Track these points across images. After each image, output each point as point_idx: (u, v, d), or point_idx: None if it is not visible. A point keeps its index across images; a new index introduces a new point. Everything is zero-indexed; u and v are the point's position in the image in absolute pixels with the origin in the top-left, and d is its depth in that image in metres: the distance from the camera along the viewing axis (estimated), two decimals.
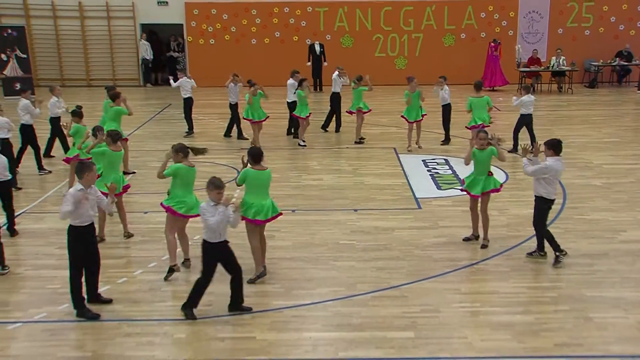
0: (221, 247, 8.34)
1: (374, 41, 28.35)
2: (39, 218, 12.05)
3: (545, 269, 9.84)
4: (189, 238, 10.00)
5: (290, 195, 13.25)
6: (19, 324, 8.36)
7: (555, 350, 7.71)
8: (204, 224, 8.24)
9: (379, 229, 11.46)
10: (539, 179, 9.83)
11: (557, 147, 9.87)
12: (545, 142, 9.98)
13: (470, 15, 28.11)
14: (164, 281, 9.50)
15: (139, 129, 19.90)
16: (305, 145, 17.51)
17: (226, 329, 8.20)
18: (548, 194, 9.91)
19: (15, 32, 26.28)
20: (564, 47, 26.56)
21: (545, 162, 9.82)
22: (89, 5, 28.10)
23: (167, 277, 9.55)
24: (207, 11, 28.09)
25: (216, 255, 8.34)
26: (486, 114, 15.95)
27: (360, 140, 17.73)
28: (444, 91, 17.10)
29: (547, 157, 9.86)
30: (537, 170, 9.81)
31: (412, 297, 9.01)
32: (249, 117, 17.22)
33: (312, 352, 7.73)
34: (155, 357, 7.62)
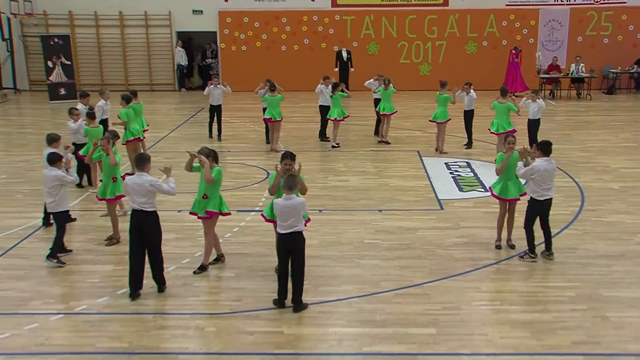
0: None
1: (399, 48, 28.26)
2: (79, 215, 12.16)
3: (563, 270, 9.72)
4: (220, 236, 10.04)
5: (317, 196, 13.23)
6: (61, 316, 8.45)
7: (573, 348, 7.61)
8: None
9: (403, 229, 11.41)
10: (531, 180, 9.77)
11: (545, 148, 9.79)
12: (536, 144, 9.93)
13: (492, 23, 27.91)
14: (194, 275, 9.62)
15: (173, 131, 20.02)
16: (339, 145, 17.52)
17: (255, 323, 8.21)
18: (538, 195, 9.79)
19: (61, 41, 26.67)
20: (583, 54, 26.27)
21: (533, 163, 9.75)
22: (128, 14, 28.38)
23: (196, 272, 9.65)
24: (240, 19, 28.21)
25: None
26: (507, 120, 15.70)
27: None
28: (470, 96, 16.95)
29: (536, 157, 9.83)
30: (526, 172, 9.75)
31: (434, 295, 8.96)
32: (270, 117, 17.19)
33: (337, 346, 7.72)
34: (187, 349, 7.65)
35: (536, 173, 9.66)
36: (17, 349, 7.61)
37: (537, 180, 9.70)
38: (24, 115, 24.81)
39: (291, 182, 8.38)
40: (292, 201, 8.32)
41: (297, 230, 8.37)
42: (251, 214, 12.13)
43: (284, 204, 8.31)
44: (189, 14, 28.37)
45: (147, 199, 8.78)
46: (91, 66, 28.97)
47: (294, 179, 8.45)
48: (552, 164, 9.84)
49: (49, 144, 10.89)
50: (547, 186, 9.76)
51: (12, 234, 11.25)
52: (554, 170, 9.88)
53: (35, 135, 19.76)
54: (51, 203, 10.05)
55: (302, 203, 8.42)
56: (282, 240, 8.45)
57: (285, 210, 8.30)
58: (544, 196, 9.79)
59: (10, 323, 8.21)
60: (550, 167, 9.77)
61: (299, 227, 8.39)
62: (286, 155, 9.11)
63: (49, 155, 10.13)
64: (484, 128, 18.34)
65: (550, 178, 9.78)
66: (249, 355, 7.53)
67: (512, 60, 26.62)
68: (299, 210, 8.35)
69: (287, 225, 8.33)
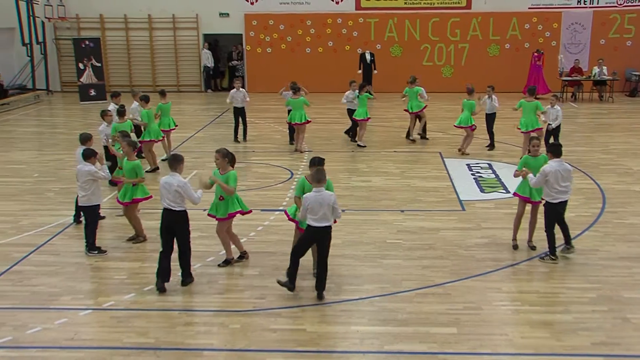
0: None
1: (421, 50, 28.14)
2: (107, 213, 12.27)
3: (584, 271, 9.62)
4: (244, 235, 10.07)
5: (340, 196, 13.11)
6: (89, 311, 8.54)
7: (593, 349, 7.53)
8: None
9: (425, 229, 11.36)
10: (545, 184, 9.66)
11: (555, 150, 9.76)
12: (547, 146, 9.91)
13: (515, 26, 27.68)
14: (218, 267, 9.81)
15: (199, 131, 20.13)
16: (365, 146, 17.52)
17: (278, 320, 8.23)
18: (551, 198, 9.67)
19: (92, 43, 26.94)
20: (605, 57, 25.94)
21: (544, 166, 9.65)
22: (157, 17, 28.60)
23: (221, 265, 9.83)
24: (265, 22, 28.28)
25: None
26: (535, 118, 15.54)
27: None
28: (493, 100, 16.83)
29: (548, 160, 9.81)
30: (537, 179, 9.64)
31: (455, 294, 8.91)
32: (291, 121, 17.18)
33: (358, 345, 7.71)
34: (212, 346, 7.69)
35: (548, 175, 9.53)
36: (48, 343, 7.70)
37: (551, 183, 9.56)
38: (56, 115, 25.12)
39: (319, 175, 8.51)
40: (321, 194, 8.43)
41: (328, 224, 8.48)
42: (275, 213, 12.15)
43: (315, 197, 8.42)
44: (215, 17, 28.50)
45: (175, 198, 8.88)
46: (120, 68, 29.24)
47: (321, 173, 8.56)
48: (565, 165, 9.71)
49: (82, 143, 11.01)
50: (562, 188, 9.62)
51: (43, 231, 11.39)
52: (568, 172, 9.73)
53: (65, 135, 20.00)
54: (83, 197, 10.23)
55: (332, 195, 8.53)
56: (312, 232, 8.53)
57: (315, 204, 8.40)
58: (558, 199, 9.66)
59: (42, 317, 8.31)
60: (562, 168, 9.63)
61: (329, 221, 8.51)
62: (314, 161, 9.13)
63: (84, 151, 10.34)
64: (506, 130, 18.28)
65: (564, 180, 9.63)
66: (272, 352, 7.55)
67: (534, 63, 26.39)
68: (329, 202, 8.43)
69: (318, 217, 8.43)
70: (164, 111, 16.13)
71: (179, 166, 9.06)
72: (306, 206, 8.48)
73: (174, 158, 9.21)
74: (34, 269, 9.84)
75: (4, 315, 8.37)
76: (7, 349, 7.59)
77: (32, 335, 7.87)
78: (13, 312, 8.46)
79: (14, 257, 10.24)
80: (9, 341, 7.74)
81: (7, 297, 8.88)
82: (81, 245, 10.51)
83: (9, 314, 8.40)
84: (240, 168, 15.69)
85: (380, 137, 18.94)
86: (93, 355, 7.45)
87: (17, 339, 7.78)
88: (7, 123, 22.49)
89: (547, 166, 9.61)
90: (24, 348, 7.60)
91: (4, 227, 11.61)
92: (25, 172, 15.48)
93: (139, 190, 10.67)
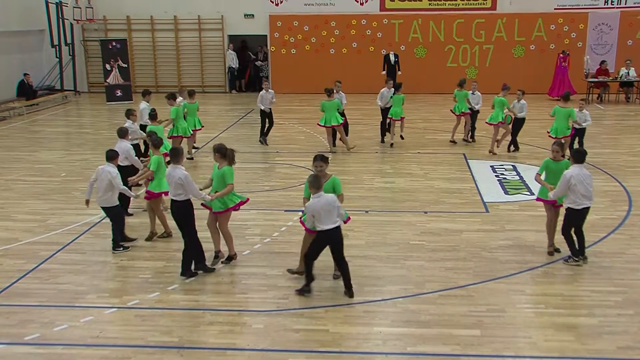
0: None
1: (446, 52, 28.03)
2: (134, 211, 12.37)
3: (610, 274, 9.50)
4: (268, 235, 10.07)
5: (363, 197, 13.22)
6: (114, 309, 8.61)
7: (618, 353, 7.42)
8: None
9: (448, 231, 11.30)
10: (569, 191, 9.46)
11: (578, 156, 9.56)
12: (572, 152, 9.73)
13: (540, 27, 27.44)
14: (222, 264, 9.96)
15: (224, 132, 20.22)
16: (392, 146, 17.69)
17: (301, 321, 8.23)
18: (575, 204, 9.49)
19: (118, 45, 27.21)
20: (633, 58, 25.60)
21: (566, 171, 9.50)
22: (182, 19, 28.80)
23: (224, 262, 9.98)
24: (290, 23, 28.34)
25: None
26: (566, 124, 15.19)
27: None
28: (521, 105, 16.56)
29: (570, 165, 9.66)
30: (560, 187, 9.48)
31: (478, 296, 8.84)
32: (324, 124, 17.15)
33: (381, 346, 7.68)
34: (235, 345, 7.71)
35: (571, 180, 9.35)
36: (74, 341, 7.78)
37: (576, 188, 9.37)
38: (83, 116, 25.39)
39: (317, 182, 8.53)
40: (321, 198, 8.47)
41: (335, 226, 8.53)
42: (298, 213, 12.16)
43: (316, 203, 8.47)
44: (240, 18, 28.64)
45: (177, 190, 9.26)
46: (146, 69, 29.50)
47: (318, 179, 8.57)
48: (585, 172, 9.50)
49: (121, 137, 11.80)
50: (587, 193, 9.47)
51: (70, 230, 11.52)
52: (589, 178, 9.53)
53: (92, 135, 20.22)
54: (101, 197, 10.38)
55: (332, 197, 8.57)
56: (322, 235, 8.58)
57: (318, 209, 8.45)
58: (582, 205, 9.49)
59: (68, 315, 8.40)
60: (584, 174, 9.45)
61: (338, 222, 8.58)
62: (316, 158, 9.11)
63: (108, 152, 10.48)
64: (531, 132, 18.12)
65: (585, 186, 9.47)
66: (295, 352, 7.55)
67: (560, 64, 26.14)
68: (332, 204, 8.47)
69: (325, 221, 8.48)
70: (190, 111, 16.31)
71: (180, 158, 9.45)
72: (310, 214, 8.55)
73: (175, 150, 9.55)
74: (60, 267, 9.95)
75: (31, 313, 8.48)
76: (35, 345, 7.69)
77: (58, 333, 7.96)
78: (40, 310, 8.56)
79: (41, 255, 10.37)
80: (37, 338, 7.84)
81: (34, 295, 8.99)
82: (107, 244, 10.62)
83: (37, 311, 8.51)
84: (264, 168, 15.81)
85: (404, 139, 18.86)
86: (118, 353, 7.51)
87: (44, 336, 7.88)
88: (36, 123, 22.79)
89: (569, 171, 9.46)
90: (51, 345, 7.69)
91: (32, 226, 11.77)
92: (53, 172, 15.67)
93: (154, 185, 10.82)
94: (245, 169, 15.66)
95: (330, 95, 16.87)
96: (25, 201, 13.31)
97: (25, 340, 7.79)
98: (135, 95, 26.73)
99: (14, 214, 12.51)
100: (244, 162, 16.37)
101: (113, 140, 14.58)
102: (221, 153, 9.63)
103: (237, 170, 10.26)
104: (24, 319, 8.31)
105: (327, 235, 8.57)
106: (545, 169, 10.11)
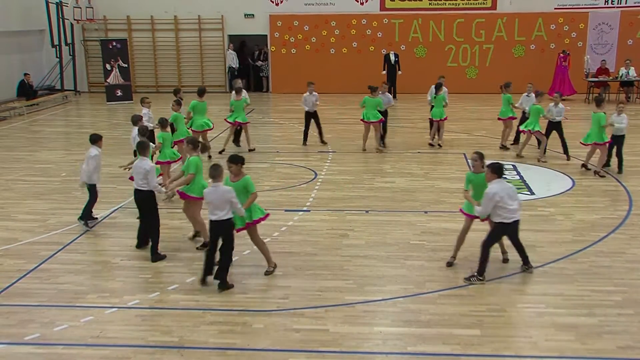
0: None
1: (446, 51, 28.03)
2: (133, 213, 12.35)
3: (610, 274, 9.49)
4: (268, 235, 10.06)
5: (364, 197, 13.21)
6: (114, 309, 8.60)
7: (618, 353, 7.42)
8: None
9: (448, 231, 11.29)
10: (496, 207, 8.99)
11: (496, 169, 9.03)
12: (487, 166, 9.19)
13: (541, 27, 27.45)
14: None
15: (224, 132, 20.19)
16: (441, 146, 17.71)
17: (301, 321, 8.22)
18: (506, 219, 9.03)
19: (118, 45, 27.23)
20: (633, 57, 25.60)
21: (486, 190, 9.00)
22: (183, 18, 28.81)
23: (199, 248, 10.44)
24: (290, 23, 28.35)
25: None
26: (596, 131, 14.50)
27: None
28: (558, 109, 16.08)
29: (488, 181, 9.13)
30: (483, 206, 9.05)
31: (478, 296, 8.84)
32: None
33: (381, 345, 7.68)
34: (235, 345, 7.70)
35: (495, 197, 8.89)
36: (75, 340, 7.77)
37: (504, 203, 8.92)
38: (83, 115, 25.40)
39: (213, 171, 8.86)
40: (217, 189, 8.83)
41: (225, 217, 8.84)
42: (299, 213, 12.17)
43: (211, 193, 8.88)
44: (240, 18, 28.65)
45: (142, 181, 10.02)
46: (146, 68, 29.51)
47: (214, 169, 8.87)
48: (507, 185, 9.12)
49: (134, 124, 12.83)
50: (513, 207, 9.02)
51: (70, 230, 11.52)
52: (511, 190, 9.12)
53: None
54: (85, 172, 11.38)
55: (228, 189, 8.87)
56: (211, 226, 8.97)
57: (211, 199, 8.84)
58: (512, 218, 9.04)
59: (68, 315, 8.40)
60: (507, 187, 9.06)
61: (227, 214, 8.85)
62: (228, 158, 9.37)
63: (91, 136, 11.56)
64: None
65: (511, 198, 9.03)
66: (295, 352, 7.55)
67: (560, 64, 26.14)
68: (225, 195, 8.79)
69: (217, 211, 8.83)
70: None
71: (146, 150, 10.19)
72: (205, 201, 9.13)
73: (142, 143, 10.30)
74: (60, 267, 9.95)
75: (32, 312, 8.48)
76: (35, 345, 7.69)
77: (58, 333, 7.96)
78: (41, 310, 8.56)
79: (41, 255, 10.37)
80: (37, 338, 7.83)
81: (35, 295, 8.99)
82: (106, 244, 10.64)
83: (37, 311, 8.51)
84: (264, 168, 15.80)
85: (404, 138, 18.87)
86: (118, 353, 7.51)
87: (44, 336, 7.87)
88: (36, 123, 22.81)
89: (491, 188, 8.96)
90: (51, 345, 7.68)
91: (32, 226, 11.77)
92: (53, 172, 15.68)
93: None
94: (246, 169, 15.65)
95: (374, 93, 16.85)
96: (26, 201, 13.32)
97: (25, 340, 7.79)
98: (135, 95, 26.73)
99: (14, 214, 12.51)
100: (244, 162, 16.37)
101: (113, 140, 14.65)
102: (192, 145, 10.32)
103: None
104: (24, 319, 8.31)
105: (217, 225, 8.85)
106: (469, 183, 9.67)
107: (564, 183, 14.11)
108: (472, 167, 9.74)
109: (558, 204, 12.69)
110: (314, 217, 11.95)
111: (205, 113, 16.38)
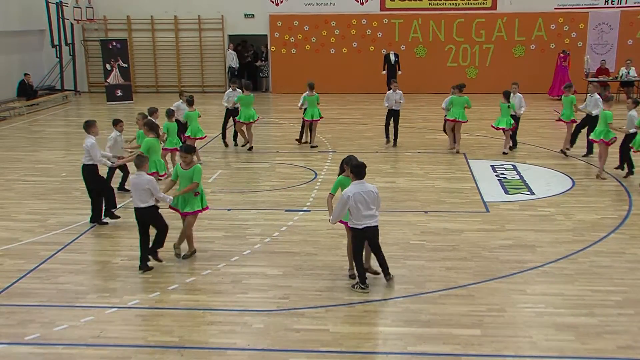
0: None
1: (446, 51, 28.04)
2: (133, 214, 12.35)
3: (610, 274, 9.49)
4: (268, 235, 10.04)
5: None
6: (115, 309, 8.60)
7: (618, 353, 7.42)
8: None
9: (448, 231, 11.30)
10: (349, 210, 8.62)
11: (356, 170, 8.68)
12: (346, 164, 8.88)
13: (541, 27, 27.45)
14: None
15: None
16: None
17: (302, 321, 8.22)
18: (354, 224, 8.72)
19: (119, 45, 27.24)
20: (633, 58, 25.60)
21: (344, 192, 8.68)
22: (182, 18, 28.82)
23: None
24: (290, 23, 28.35)
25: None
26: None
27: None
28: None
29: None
30: (335, 213, 8.73)
31: (478, 296, 8.84)
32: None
33: (382, 345, 7.68)
34: (236, 345, 7.70)
35: (349, 200, 8.54)
36: (75, 340, 7.77)
37: (353, 207, 8.57)
38: (83, 116, 25.29)
39: (137, 160, 9.57)
40: (139, 177, 9.41)
41: (147, 205, 9.46)
42: (299, 213, 12.17)
43: (133, 181, 9.48)
44: (240, 18, 28.66)
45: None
46: (146, 68, 29.52)
47: (138, 159, 9.57)
48: (368, 187, 8.74)
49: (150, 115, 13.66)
50: (367, 213, 8.68)
51: (70, 230, 11.51)
52: (372, 194, 8.78)
53: None
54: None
55: (149, 179, 9.44)
56: (136, 213, 9.61)
57: (134, 187, 9.50)
58: (364, 224, 8.69)
59: (69, 315, 8.40)
60: (365, 191, 8.67)
61: (149, 202, 9.45)
62: (181, 148, 10.13)
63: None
64: (531, 131, 18.13)
65: (367, 204, 8.68)
66: (295, 352, 7.54)
67: (560, 63, 26.15)
68: (144, 185, 9.35)
69: (138, 200, 9.45)
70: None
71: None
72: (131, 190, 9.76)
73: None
74: (60, 267, 9.95)
75: (31, 312, 8.47)
76: (35, 345, 7.68)
77: (58, 333, 7.95)
78: (40, 310, 8.56)
79: (41, 255, 10.37)
80: (37, 338, 7.83)
81: (35, 295, 8.99)
82: (106, 244, 10.63)
83: (37, 311, 8.51)
84: (264, 168, 15.80)
85: (404, 138, 18.84)
86: (118, 353, 7.51)
87: (44, 336, 7.87)
88: (37, 123, 22.81)
89: (347, 190, 8.59)
90: (51, 345, 7.68)
91: (32, 226, 11.77)
92: (53, 172, 15.68)
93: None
94: (246, 169, 15.68)
95: (460, 92, 16.83)
96: (26, 201, 13.32)
97: (25, 340, 7.79)
98: (135, 95, 26.72)
99: (14, 214, 12.51)
100: (244, 162, 16.40)
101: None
102: (149, 126, 11.56)
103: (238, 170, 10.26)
104: (24, 319, 8.31)
105: (140, 212, 9.51)
106: (340, 186, 9.19)
107: (564, 183, 14.12)
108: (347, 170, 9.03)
109: (558, 204, 12.69)
110: (314, 217, 11.94)
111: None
